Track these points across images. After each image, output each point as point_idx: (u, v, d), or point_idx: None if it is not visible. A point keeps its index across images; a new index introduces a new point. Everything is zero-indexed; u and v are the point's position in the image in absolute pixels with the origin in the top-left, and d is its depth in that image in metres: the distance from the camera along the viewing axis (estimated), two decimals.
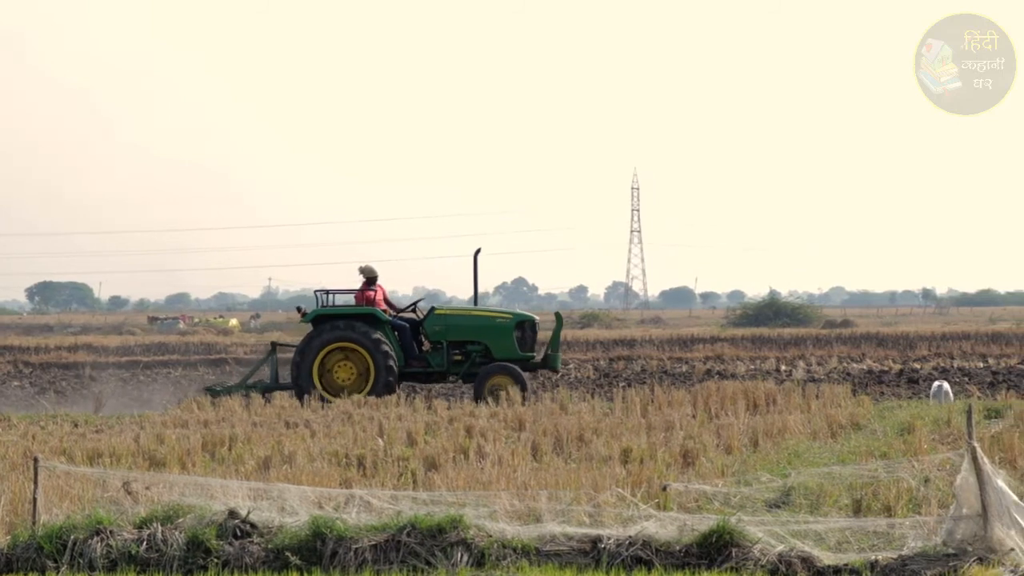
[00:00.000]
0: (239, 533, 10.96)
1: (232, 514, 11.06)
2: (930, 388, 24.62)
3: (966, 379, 30.29)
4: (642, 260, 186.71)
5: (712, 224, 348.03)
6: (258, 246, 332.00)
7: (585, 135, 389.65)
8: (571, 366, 38.18)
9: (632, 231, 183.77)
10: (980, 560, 9.51)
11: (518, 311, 27.58)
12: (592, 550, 10.45)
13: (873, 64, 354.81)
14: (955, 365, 36.41)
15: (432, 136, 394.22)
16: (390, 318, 25.84)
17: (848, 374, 33.63)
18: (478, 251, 26.69)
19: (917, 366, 36.29)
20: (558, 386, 28.81)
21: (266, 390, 25.94)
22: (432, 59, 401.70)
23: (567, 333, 64.65)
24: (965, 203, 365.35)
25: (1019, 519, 9.60)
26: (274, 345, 27.28)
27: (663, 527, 10.58)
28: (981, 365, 36.38)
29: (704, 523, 10.53)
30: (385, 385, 24.77)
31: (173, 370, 41.07)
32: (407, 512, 11.03)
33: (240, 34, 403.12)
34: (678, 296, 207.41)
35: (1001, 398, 22.63)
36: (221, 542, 10.85)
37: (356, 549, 10.64)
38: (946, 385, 23.82)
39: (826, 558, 10.06)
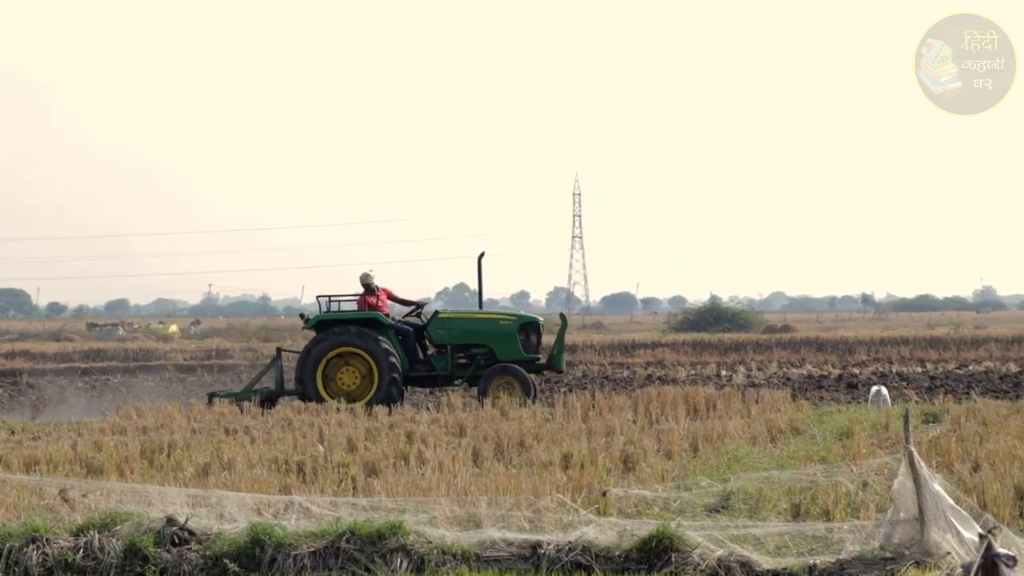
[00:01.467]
0: (177, 540, 10.88)
1: (170, 521, 10.98)
2: (869, 393, 24.77)
3: (904, 384, 30.50)
4: (584, 266, 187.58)
5: (654, 230, 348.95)
6: (199, 252, 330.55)
7: (527, 140, 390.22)
8: None
9: (574, 237, 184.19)
10: (917, 563, 9.57)
11: (522, 313, 27.59)
12: (532, 556, 10.44)
13: (872, 64, 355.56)
14: (894, 370, 36.67)
15: (373, 141, 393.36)
16: (393, 322, 25.84)
17: (788, 379, 33.82)
18: (482, 255, 26.75)
19: (856, 371, 36.54)
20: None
21: (271, 396, 25.80)
22: (374, 64, 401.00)
23: None
24: (905, 208, 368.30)
25: (955, 523, 9.66)
26: (279, 351, 27.10)
27: (603, 532, 10.59)
28: (919, 370, 36.65)
29: (644, 528, 10.54)
30: (389, 390, 24.74)
31: (112, 376, 40.71)
32: (346, 518, 10.98)
33: (184, 37, 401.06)
34: (620, 302, 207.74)
35: (939, 402, 22.80)
36: (159, 549, 10.77)
37: (295, 556, 10.59)
38: (884, 390, 23.98)
39: (765, 562, 10.10)
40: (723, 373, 36.93)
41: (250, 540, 10.73)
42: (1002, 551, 8.81)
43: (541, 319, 27.07)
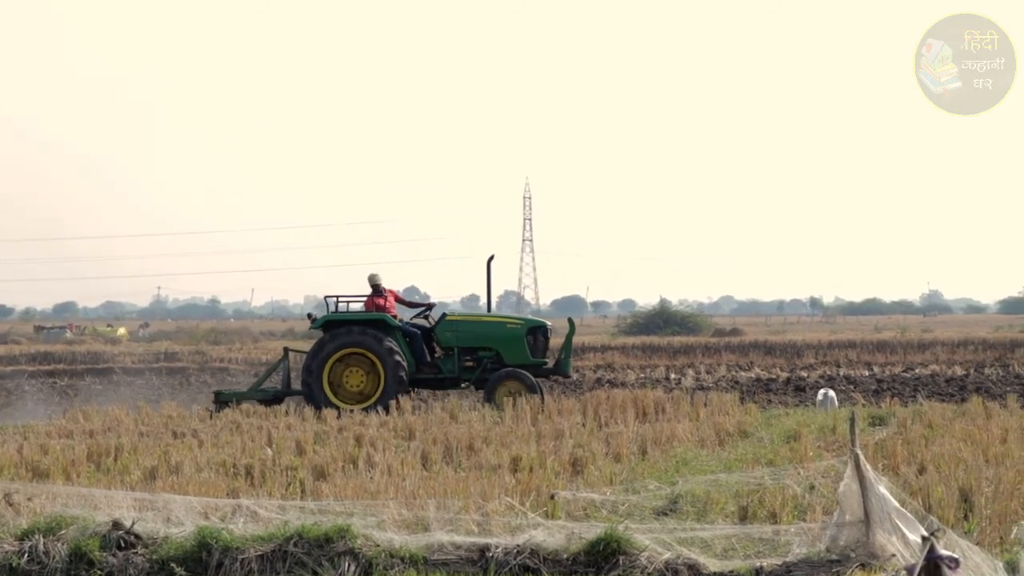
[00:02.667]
0: (123, 544, 10.81)
1: (116, 525, 10.91)
2: (816, 396, 24.92)
3: (851, 387, 30.68)
4: (534, 269, 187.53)
5: (604, 233, 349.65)
6: (148, 255, 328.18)
7: (478, 144, 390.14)
8: None
9: (524, 240, 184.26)
10: (863, 566, 9.62)
11: (530, 317, 27.61)
12: (480, 559, 10.43)
13: (872, 64, 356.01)
14: (841, 373, 36.87)
15: (322, 145, 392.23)
16: (401, 324, 25.81)
17: (736, 382, 33.93)
18: (491, 258, 26.69)
19: (804, 374, 36.70)
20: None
21: (278, 396, 25.74)
22: (320, 66, 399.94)
23: None
24: (853, 212, 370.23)
25: (901, 525, 9.72)
26: (286, 351, 27.09)
27: (551, 535, 10.59)
28: (866, 373, 36.87)
29: (592, 531, 10.56)
30: (396, 391, 24.67)
31: (59, 380, 40.42)
32: (294, 522, 10.95)
33: (132, 34, 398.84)
34: (569, 305, 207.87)
35: (885, 406, 22.98)
36: (104, 553, 10.70)
37: (242, 559, 10.54)
38: (832, 393, 24.13)
39: (712, 565, 10.13)
40: (672, 376, 37.03)
41: (197, 544, 10.68)
42: (944, 553, 8.88)
43: (550, 324, 27.15)
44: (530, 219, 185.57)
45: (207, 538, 10.69)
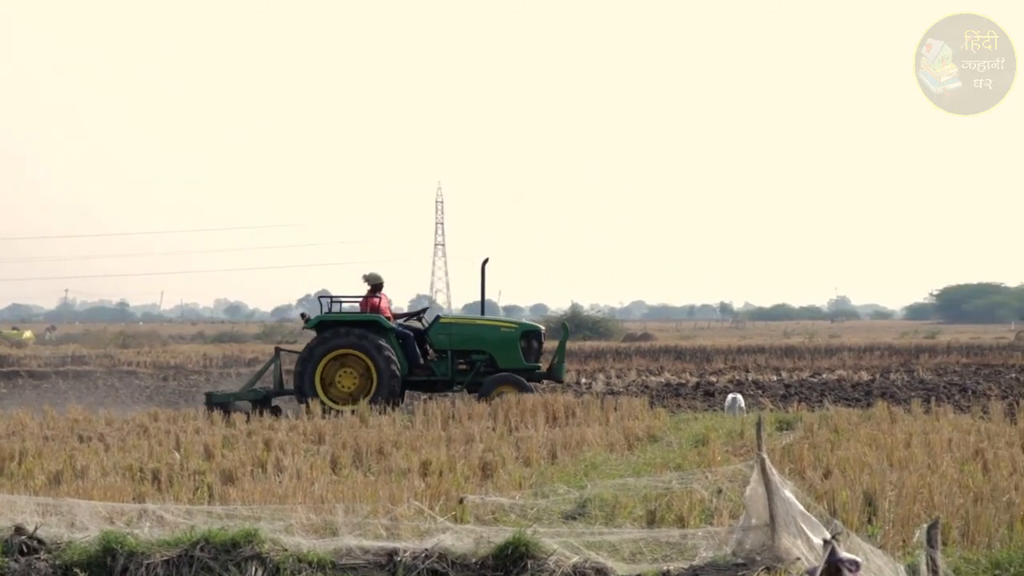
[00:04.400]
0: (25, 550, 10.67)
1: (19, 530, 10.77)
2: (725, 401, 25.11)
3: (760, 392, 30.93)
4: (446, 273, 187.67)
5: (516, 237, 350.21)
6: (56, 257, 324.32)
7: (390, 148, 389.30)
8: None
9: (436, 244, 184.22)
10: (768, 569, 9.69)
11: (524, 321, 27.55)
12: (388, 563, 10.40)
13: (872, 64, 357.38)
14: (750, 378, 37.16)
15: (235, 146, 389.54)
16: (395, 326, 25.72)
17: (647, 387, 34.10)
18: (486, 261, 26.62)
19: (713, 379, 36.94)
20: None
21: (270, 396, 25.55)
22: (229, 66, 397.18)
23: None
24: (763, 219, 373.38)
25: (805, 528, 9.80)
26: (278, 350, 26.88)
27: (459, 540, 10.59)
28: (775, 378, 37.19)
29: (500, 535, 10.56)
30: (388, 393, 24.67)
31: None
32: (201, 527, 10.86)
33: (46, 35, 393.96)
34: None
35: (792, 410, 23.18)
36: (6, 559, 10.55)
37: (148, 564, 10.44)
38: (740, 398, 24.32)
39: (620, 569, 10.16)
40: (583, 381, 37.15)
41: (101, 549, 10.56)
42: (846, 556, 8.98)
43: (543, 328, 27.16)
44: (442, 223, 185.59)
45: (112, 543, 10.56)
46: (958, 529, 11.20)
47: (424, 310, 27.24)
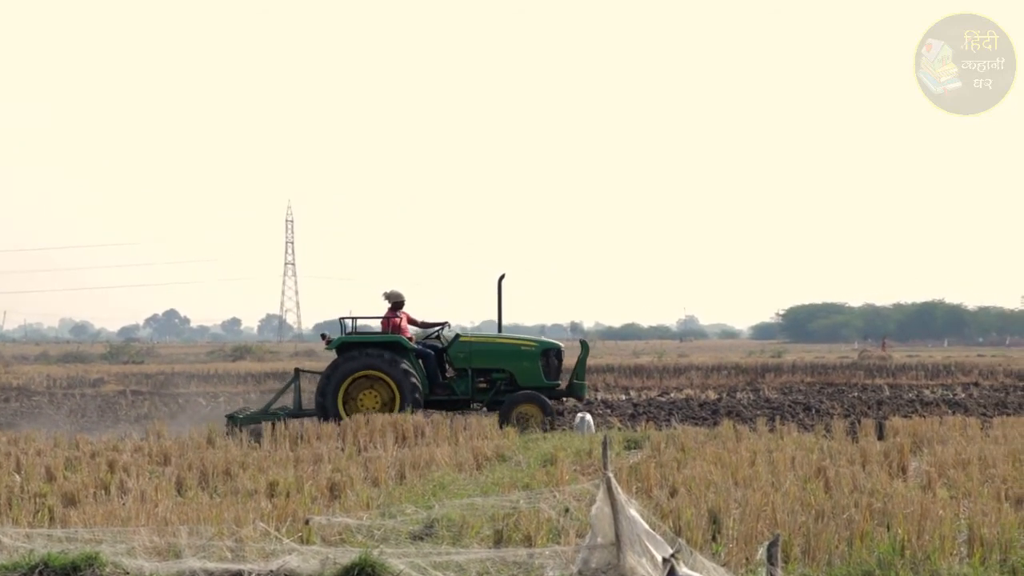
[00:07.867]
0: None
1: None
2: (574, 420, 25.25)
3: (609, 411, 31.13)
4: (296, 292, 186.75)
5: (368, 256, 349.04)
6: None
7: (240, 166, 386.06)
8: (221, 399, 37.68)
9: (286, 263, 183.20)
10: None
11: (543, 339, 27.24)
12: None
13: (872, 64, 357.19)
14: (599, 397, 37.43)
15: (80, 163, 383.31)
16: (415, 346, 25.58)
17: None
18: (502, 277, 26.38)
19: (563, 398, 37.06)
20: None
21: (290, 416, 25.20)
22: (64, 85, 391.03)
23: (216, 365, 63.81)
24: (613, 240, 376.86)
25: (650, 547, 9.91)
26: (297, 371, 26.93)
27: (305, 561, 10.53)
28: (623, 397, 37.52)
29: (347, 556, 10.52)
30: (410, 412, 24.25)
31: None
32: (41, 550, 10.67)
33: None
34: (334, 328, 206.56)
35: (640, 429, 23.40)
36: None
37: None
38: (588, 417, 24.46)
39: None
40: None
41: None
42: (685, 573, 9.09)
43: (562, 345, 26.98)
44: (292, 242, 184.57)
45: None
46: (799, 546, 11.39)
47: (443, 325, 27.02)
